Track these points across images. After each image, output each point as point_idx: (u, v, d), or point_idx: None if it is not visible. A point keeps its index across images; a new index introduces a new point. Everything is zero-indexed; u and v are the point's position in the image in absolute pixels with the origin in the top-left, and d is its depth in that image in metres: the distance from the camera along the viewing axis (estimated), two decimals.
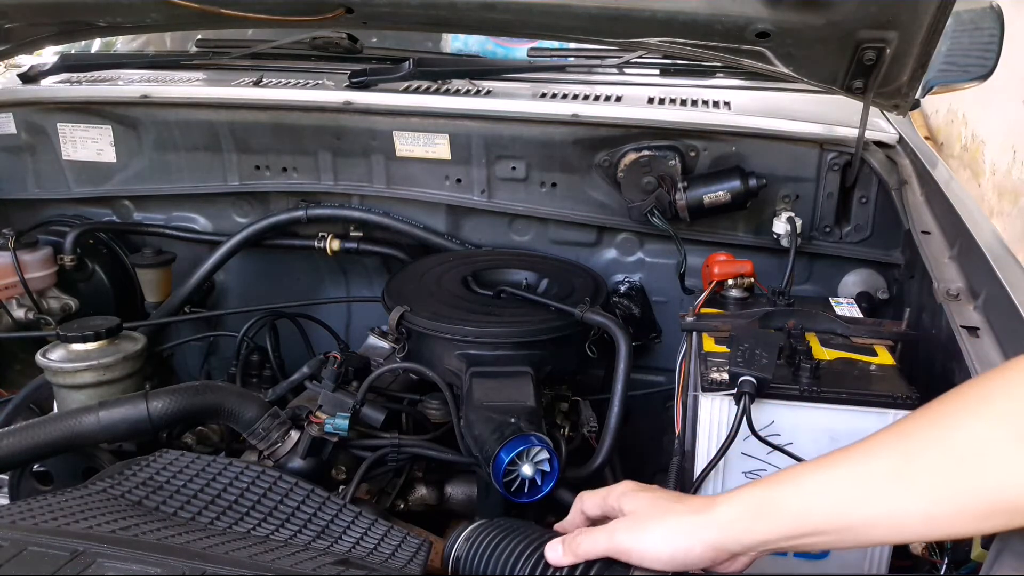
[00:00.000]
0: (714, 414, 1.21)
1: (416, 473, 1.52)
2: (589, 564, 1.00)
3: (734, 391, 1.15)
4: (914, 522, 0.78)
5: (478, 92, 1.93)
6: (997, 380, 0.78)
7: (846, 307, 1.49)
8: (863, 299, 1.68)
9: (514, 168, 1.88)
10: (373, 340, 1.77)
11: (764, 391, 1.15)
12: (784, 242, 1.74)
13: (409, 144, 1.90)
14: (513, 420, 1.32)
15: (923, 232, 1.49)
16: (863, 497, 0.79)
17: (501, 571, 1.04)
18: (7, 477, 1.34)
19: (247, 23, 1.89)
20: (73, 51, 2.36)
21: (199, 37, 2.27)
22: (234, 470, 1.16)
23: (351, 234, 2.02)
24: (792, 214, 1.75)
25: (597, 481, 1.52)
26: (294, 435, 1.37)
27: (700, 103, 1.87)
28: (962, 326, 1.17)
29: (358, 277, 2.18)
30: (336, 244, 2.00)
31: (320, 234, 2.00)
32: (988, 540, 0.86)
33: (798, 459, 1.17)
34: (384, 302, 1.65)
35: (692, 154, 1.78)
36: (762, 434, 1.16)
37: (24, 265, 1.91)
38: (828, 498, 0.82)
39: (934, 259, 1.39)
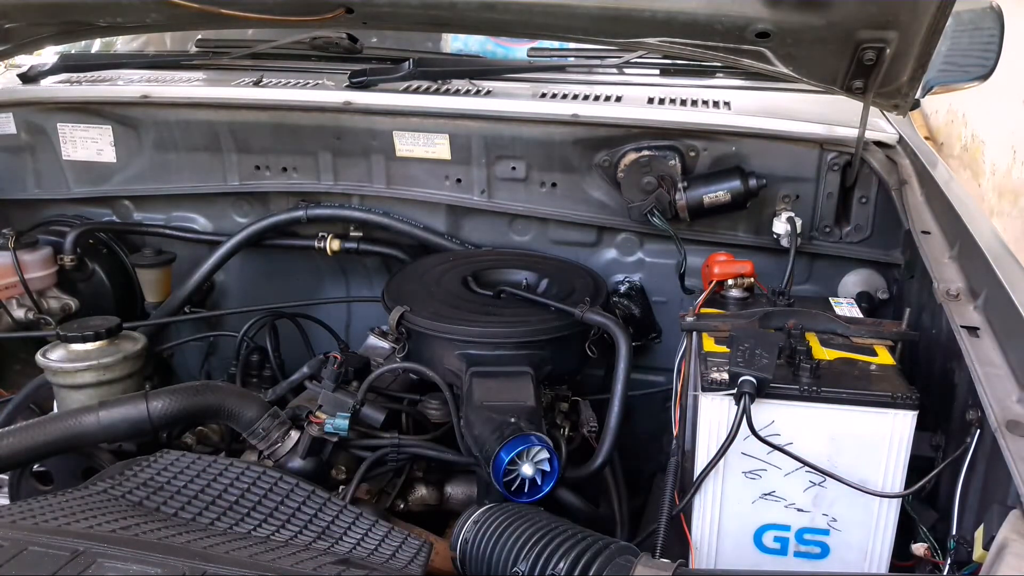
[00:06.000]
0: (714, 414, 1.21)
1: (416, 473, 1.52)
2: (588, 564, 1.01)
3: (734, 391, 1.15)
4: None
5: (478, 92, 1.93)
6: None
7: (846, 307, 1.49)
8: (863, 299, 1.68)
9: (514, 168, 1.88)
10: (373, 340, 1.77)
11: (764, 391, 1.15)
12: (784, 242, 1.74)
13: (409, 144, 1.90)
14: (513, 420, 1.32)
15: (923, 232, 1.49)
16: None
17: (505, 558, 1.06)
18: (7, 477, 1.35)
19: (247, 23, 1.89)
20: (73, 51, 2.36)
21: (199, 37, 2.26)
22: (235, 471, 1.17)
23: (351, 234, 2.01)
24: (792, 214, 1.74)
25: (597, 481, 1.53)
26: (294, 435, 1.38)
27: (700, 103, 1.87)
28: (962, 326, 1.17)
29: (358, 277, 2.17)
30: (336, 244, 2.00)
31: (320, 234, 2.00)
32: (988, 540, 0.86)
33: (798, 459, 1.17)
34: (384, 302, 1.65)
35: (692, 154, 1.78)
36: (762, 434, 1.16)
37: (24, 265, 1.91)
38: None
39: (934, 259, 1.39)
